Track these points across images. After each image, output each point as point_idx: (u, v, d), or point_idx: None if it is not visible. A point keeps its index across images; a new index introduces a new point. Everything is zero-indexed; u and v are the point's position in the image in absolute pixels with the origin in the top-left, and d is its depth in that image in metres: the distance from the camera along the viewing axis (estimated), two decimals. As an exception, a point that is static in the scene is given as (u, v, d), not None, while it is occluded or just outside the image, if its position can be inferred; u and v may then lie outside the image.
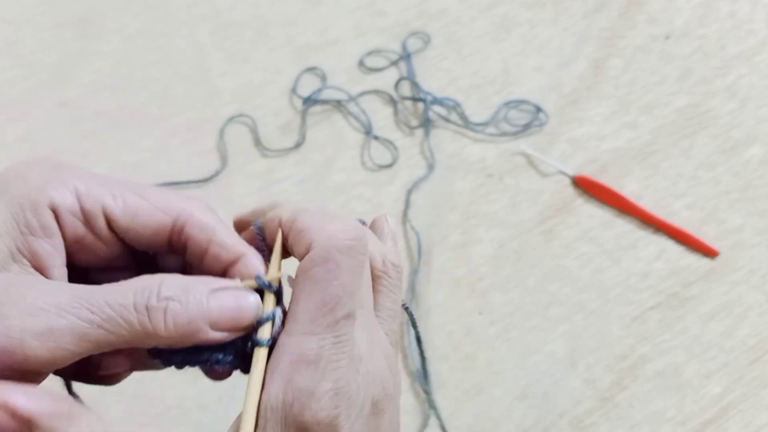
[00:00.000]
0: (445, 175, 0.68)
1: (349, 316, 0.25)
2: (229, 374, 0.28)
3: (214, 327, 0.25)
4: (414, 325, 0.35)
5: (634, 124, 0.71)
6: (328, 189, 0.67)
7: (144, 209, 0.26)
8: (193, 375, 0.57)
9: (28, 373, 0.23)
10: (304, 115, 0.70)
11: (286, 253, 0.28)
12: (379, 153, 0.69)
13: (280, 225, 0.27)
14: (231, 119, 0.70)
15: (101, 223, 0.26)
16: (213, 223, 0.27)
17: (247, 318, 0.25)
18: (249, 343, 0.26)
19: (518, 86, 0.73)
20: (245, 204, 0.65)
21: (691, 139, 0.70)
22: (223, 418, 0.56)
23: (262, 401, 0.25)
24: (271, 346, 0.26)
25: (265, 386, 0.25)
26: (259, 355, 0.25)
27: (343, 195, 0.66)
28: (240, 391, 0.60)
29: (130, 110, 0.70)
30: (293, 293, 0.26)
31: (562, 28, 0.77)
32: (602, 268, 0.63)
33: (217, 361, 0.26)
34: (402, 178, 0.67)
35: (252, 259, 0.27)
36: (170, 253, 0.29)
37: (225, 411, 0.56)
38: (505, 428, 0.56)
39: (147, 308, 0.23)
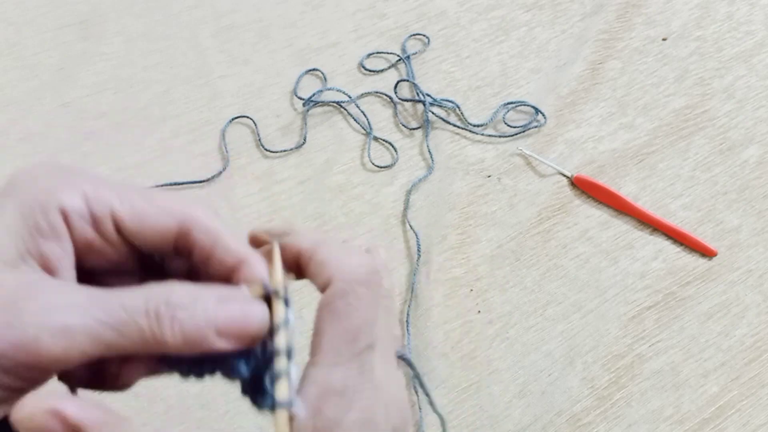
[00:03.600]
0: (444, 175, 0.68)
1: (371, 347, 0.26)
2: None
3: (221, 335, 0.25)
4: (417, 377, 0.33)
5: (632, 125, 0.71)
6: (329, 190, 0.67)
7: (151, 213, 0.27)
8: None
9: (37, 370, 0.23)
10: (304, 116, 0.71)
11: (298, 273, 0.29)
12: (379, 154, 0.69)
13: (298, 254, 0.28)
14: (232, 120, 0.70)
15: (110, 227, 0.26)
16: (217, 227, 0.27)
17: (254, 327, 0.25)
18: (266, 353, 0.26)
19: (516, 88, 0.73)
20: (246, 204, 0.66)
21: (688, 140, 0.71)
22: (224, 416, 0.56)
23: None
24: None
25: (294, 417, 0.25)
26: (281, 419, 0.25)
27: (343, 195, 0.67)
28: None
29: (132, 111, 0.71)
30: (315, 325, 0.27)
31: (560, 31, 0.77)
32: (600, 268, 0.64)
33: (233, 370, 0.26)
34: (401, 179, 0.68)
35: (256, 263, 0.27)
36: (177, 256, 0.29)
37: (226, 409, 0.56)
38: (503, 426, 0.57)
39: (156, 315, 0.24)
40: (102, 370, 0.27)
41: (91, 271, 0.28)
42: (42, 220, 0.25)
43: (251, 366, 0.26)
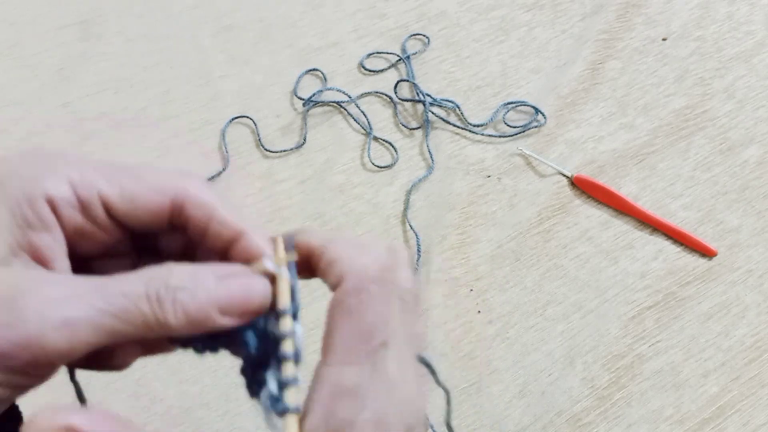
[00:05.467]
0: (444, 175, 0.68)
1: (384, 345, 0.25)
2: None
3: (224, 313, 0.25)
4: (436, 379, 0.32)
5: (632, 125, 0.71)
6: (329, 190, 0.67)
7: (141, 193, 0.26)
8: (193, 374, 0.58)
9: (44, 366, 0.23)
10: (304, 116, 0.71)
11: (310, 271, 0.28)
12: (379, 154, 0.69)
13: (309, 251, 0.28)
14: (232, 120, 0.70)
15: (99, 211, 0.26)
16: (211, 200, 0.27)
17: (256, 302, 0.25)
18: (268, 324, 0.26)
19: (516, 88, 0.73)
20: (247, 205, 0.66)
21: (688, 140, 0.71)
22: (224, 416, 0.56)
23: None
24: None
25: (306, 417, 0.25)
26: (289, 423, 0.25)
27: (343, 196, 0.67)
28: (240, 389, 0.61)
29: (132, 112, 0.71)
30: (327, 324, 0.26)
31: (560, 30, 0.77)
32: (600, 268, 0.64)
33: (240, 343, 0.26)
34: (401, 179, 0.68)
35: (254, 235, 0.27)
36: (172, 232, 0.28)
37: (226, 409, 0.56)
38: (503, 426, 0.57)
39: (158, 298, 0.24)
40: (99, 353, 0.26)
41: (85, 257, 0.28)
42: (30, 213, 0.24)
43: (258, 339, 0.26)
